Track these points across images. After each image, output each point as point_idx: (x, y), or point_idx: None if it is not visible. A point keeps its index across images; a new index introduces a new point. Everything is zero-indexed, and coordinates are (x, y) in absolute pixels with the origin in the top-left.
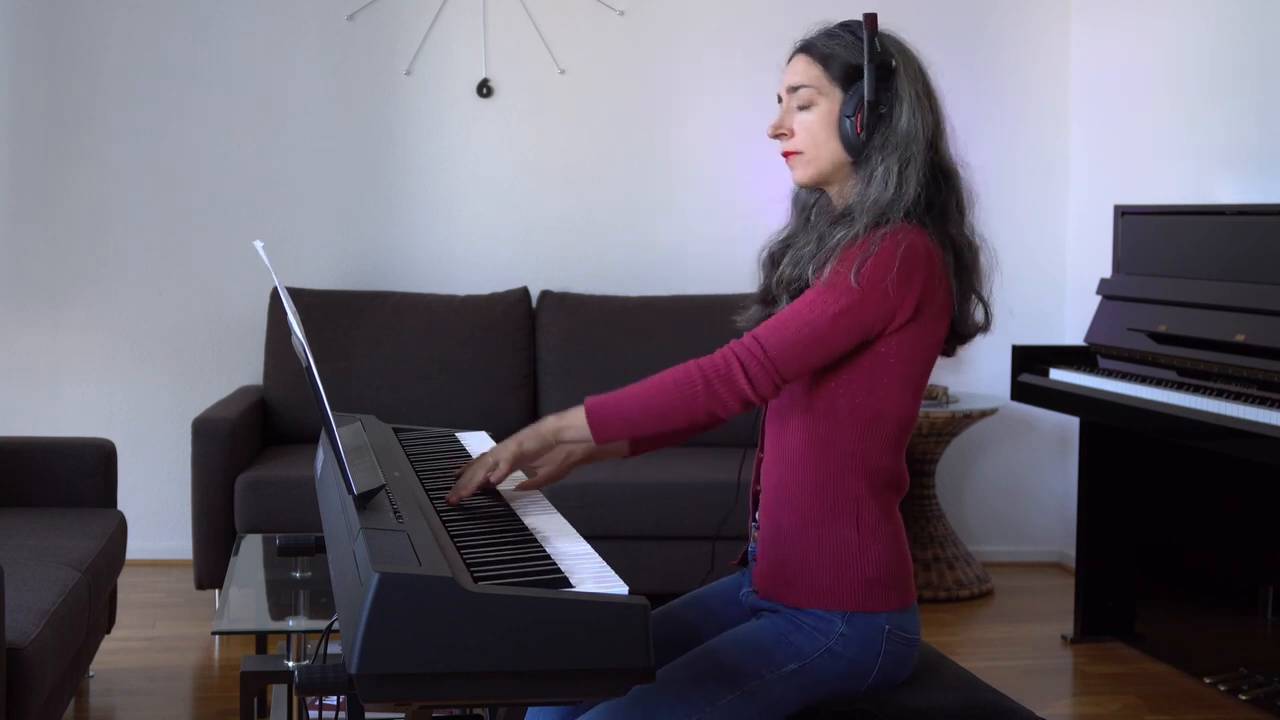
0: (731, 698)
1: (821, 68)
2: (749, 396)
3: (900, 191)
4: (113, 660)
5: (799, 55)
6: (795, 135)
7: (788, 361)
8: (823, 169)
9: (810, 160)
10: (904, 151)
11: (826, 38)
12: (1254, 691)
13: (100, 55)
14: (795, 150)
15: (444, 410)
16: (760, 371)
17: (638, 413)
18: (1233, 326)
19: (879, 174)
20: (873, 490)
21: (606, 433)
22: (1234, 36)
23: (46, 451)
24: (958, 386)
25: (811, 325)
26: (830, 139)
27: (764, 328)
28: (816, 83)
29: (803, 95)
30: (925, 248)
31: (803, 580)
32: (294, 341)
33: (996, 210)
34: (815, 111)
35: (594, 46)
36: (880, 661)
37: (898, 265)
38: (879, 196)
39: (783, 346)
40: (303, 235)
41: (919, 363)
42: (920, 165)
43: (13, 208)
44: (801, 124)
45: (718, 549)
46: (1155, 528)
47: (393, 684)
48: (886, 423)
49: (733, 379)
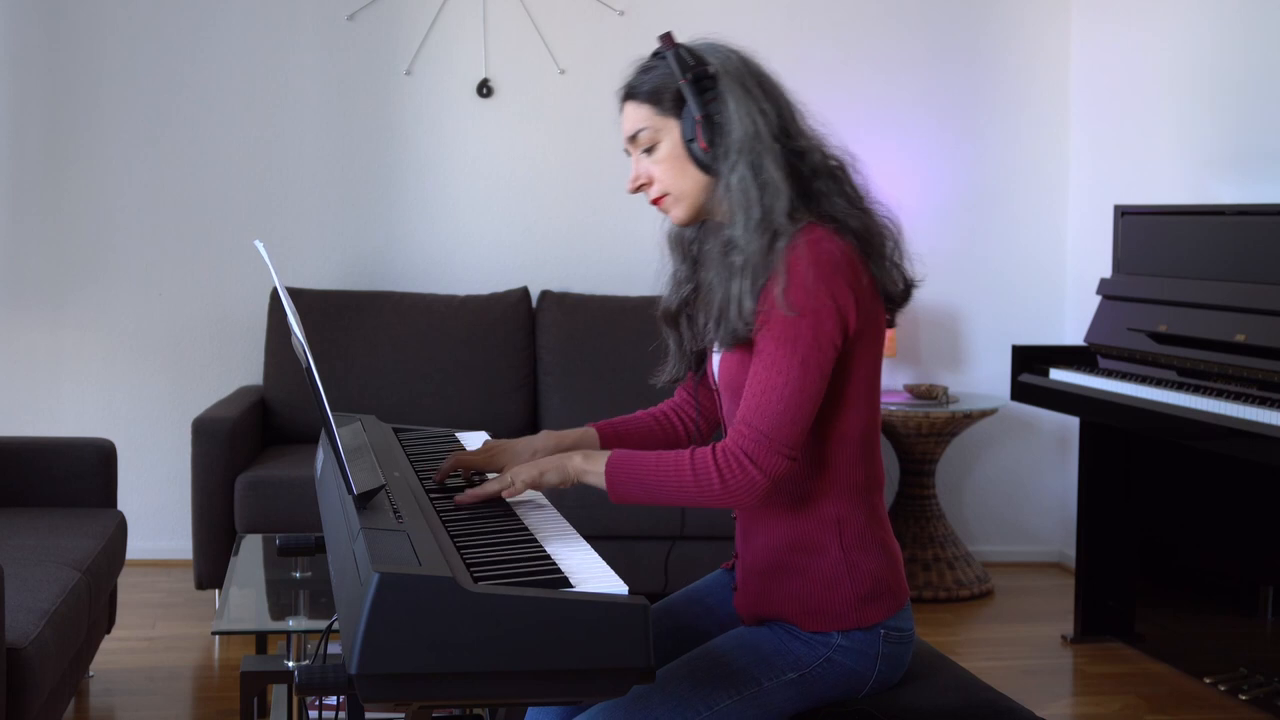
0: (729, 702)
1: (650, 106)
2: (764, 487)
3: (765, 192)
4: (113, 660)
5: (626, 103)
6: (655, 181)
7: (788, 432)
8: (695, 201)
9: (679, 197)
10: (750, 152)
11: (643, 74)
12: (1254, 691)
13: (100, 55)
14: (661, 194)
15: (444, 410)
16: (770, 457)
17: (655, 490)
18: (1233, 326)
19: (734, 183)
20: (852, 505)
21: (622, 496)
22: (1234, 37)
23: (46, 451)
24: (958, 386)
25: (787, 386)
26: (686, 168)
27: (748, 411)
28: (650, 122)
29: (643, 139)
30: (834, 246)
31: (792, 607)
32: (294, 342)
33: (997, 210)
34: (661, 150)
35: (594, 46)
36: (879, 664)
37: (823, 281)
38: (748, 210)
39: (775, 422)
40: (303, 235)
41: (868, 371)
42: (775, 157)
43: (13, 208)
44: (654, 166)
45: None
46: (1155, 528)
47: (393, 684)
48: (850, 439)
49: (749, 478)
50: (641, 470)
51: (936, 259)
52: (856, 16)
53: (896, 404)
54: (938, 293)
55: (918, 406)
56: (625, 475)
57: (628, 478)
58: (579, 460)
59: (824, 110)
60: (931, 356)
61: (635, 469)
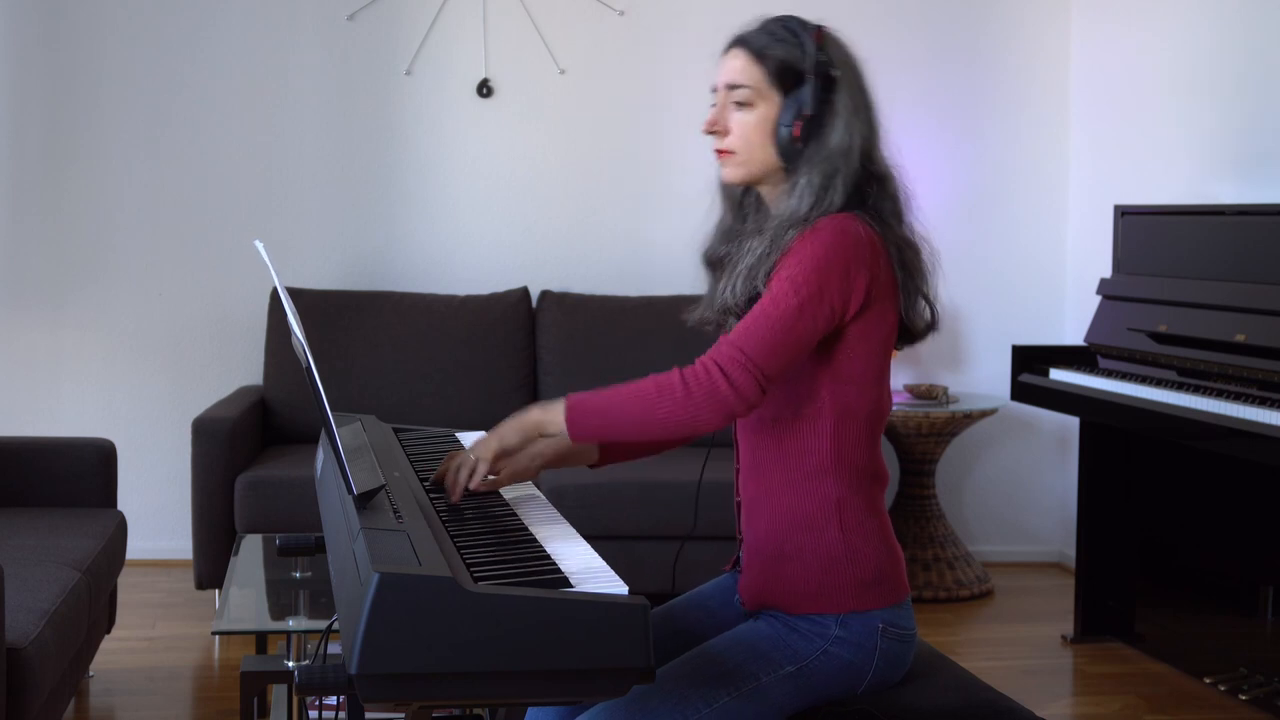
0: (729, 699)
1: (762, 68)
2: (731, 403)
3: (818, 201)
4: (113, 660)
5: (738, 50)
6: (731, 134)
7: (767, 359)
8: (754, 172)
9: (743, 162)
10: (831, 165)
11: (768, 36)
12: (1254, 691)
13: (100, 55)
14: (729, 150)
15: (444, 410)
16: (741, 373)
17: (616, 416)
18: (1233, 326)
19: (801, 184)
20: (853, 488)
21: (583, 432)
22: (1234, 37)
23: (46, 451)
24: (958, 386)
25: (781, 320)
26: (766, 144)
27: (735, 333)
28: (756, 84)
29: (741, 94)
30: (866, 232)
31: (793, 588)
32: (294, 342)
33: (996, 210)
34: (753, 114)
35: (594, 46)
36: (877, 659)
37: (845, 248)
38: (796, 208)
39: (758, 345)
40: (303, 235)
41: (875, 354)
42: (847, 176)
43: (13, 207)
44: (738, 124)
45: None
46: (1155, 528)
47: (393, 684)
48: (854, 420)
49: (714, 387)
50: (601, 401)
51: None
52: (856, 16)
53: (896, 404)
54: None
55: (918, 406)
56: (584, 409)
57: (586, 410)
58: (536, 412)
59: None
60: (931, 356)
61: (594, 400)
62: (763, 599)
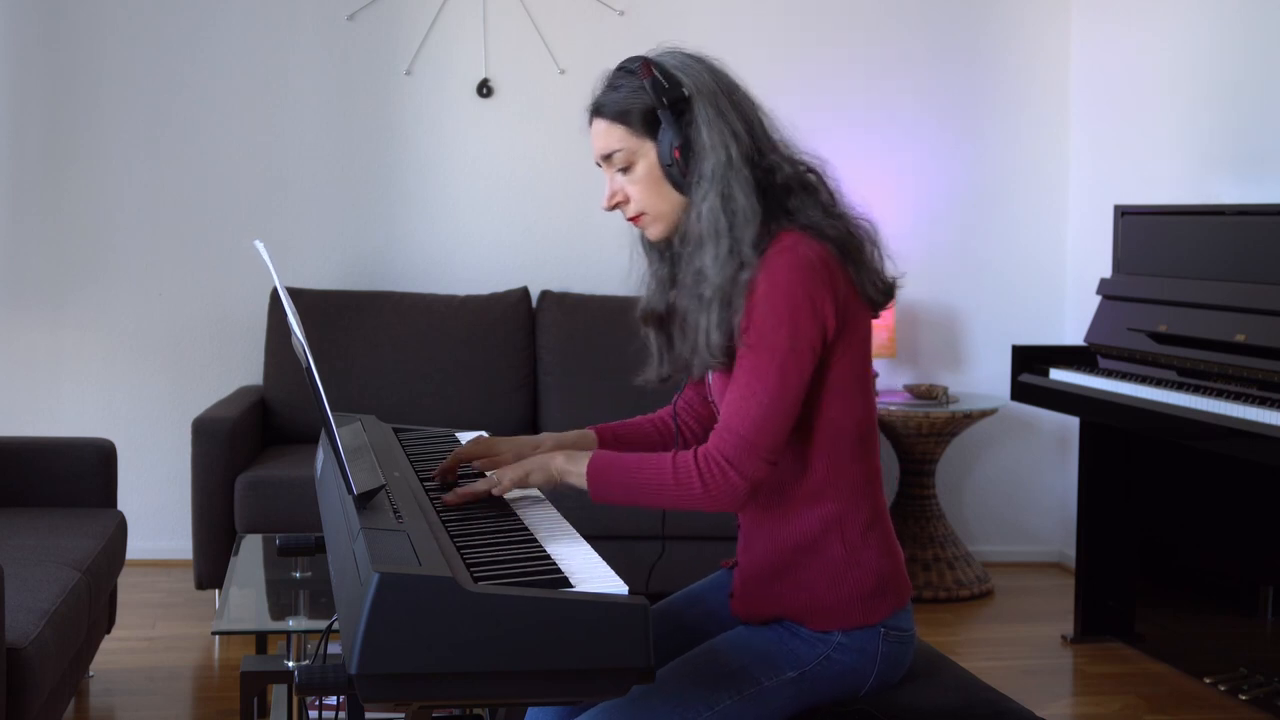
0: (730, 701)
1: (623, 126)
2: (745, 492)
3: (734, 223)
4: (113, 660)
5: (596, 120)
6: (632, 200)
7: (770, 437)
8: (673, 220)
9: (657, 217)
10: (720, 182)
11: (612, 92)
12: (1254, 691)
13: (100, 55)
14: (639, 213)
15: (444, 410)
16: (751, 462)
17: (636, 492)
18: (1233, 326)
19: (705, 212)
20: (852, 504)
21: (603, 496)
22: (1234, 37)
23: (46, 451)
24: (958, 386)
25: (768, 392)
26: (663, 189)
27: (729, 417)
28: (625, 143)
29: (618, 159)
30: (812, 251)
31: (797, 606)
32: (294, 342)
33: (997, 210)
34: (638, 170)
35: (594, 46)
36: (879, 663)
37: (803, 281)
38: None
39: (757, 427)
40: (303, 235)
41: (853, 368)
42: (744, 183)
43: (13, 208)
44: (631, 187)
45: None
46: (1155, 528)
47: (393, 684)
48: (844, 435)
49: (729, 482)
50: (623, 471)
51: (936, 259)
52: (856, 16)
53: (896, 404)
54: (938, 293)
55: (918, 406)
56: (607, 475)
57: (609, 478)
58: (561, 460)
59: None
60: (931, 356)
61: (617, 470)
62: (763, 619)
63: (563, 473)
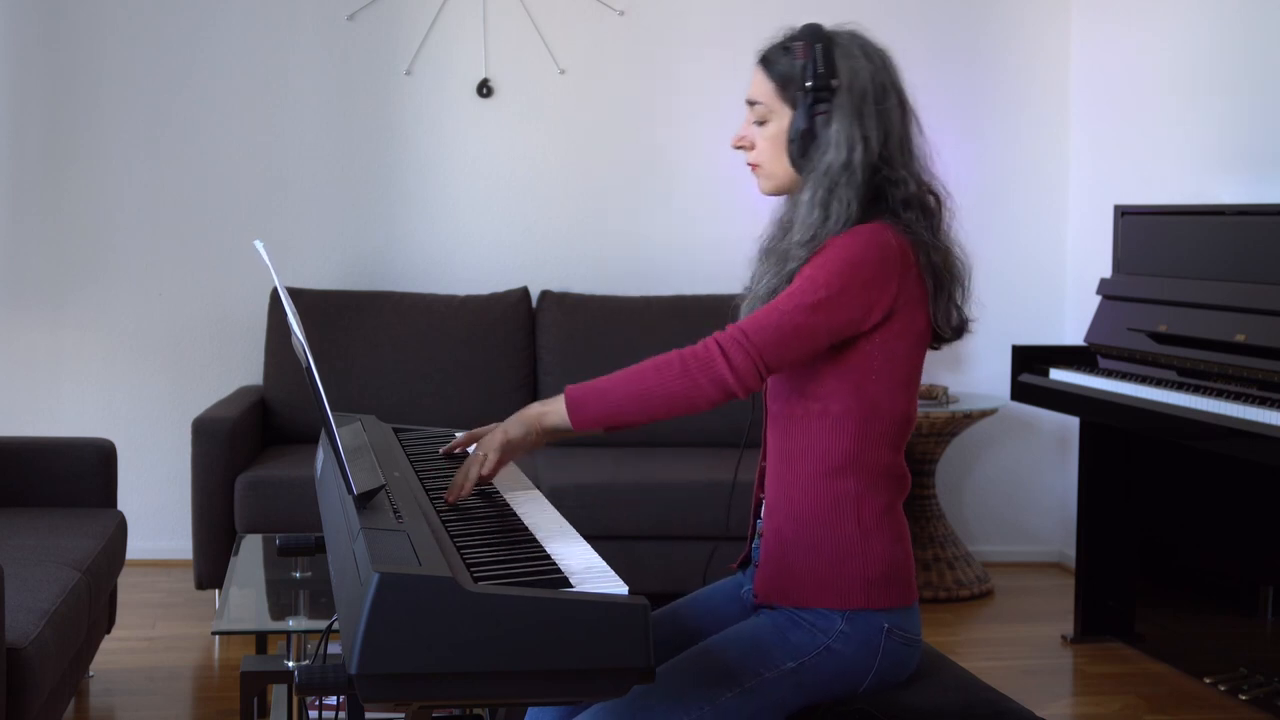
0: (729, 696)
1: (773, 84)
2: (728, 381)
3: (826, 219)
4: (113, 660)
5: (757, 68)
6: (755, 149)
7: (768, 347)
8: (780, 183)
9: (768, 175)
10: (830, 180)
11: (781, 51)
12: (1254, 691)
13: (100, 55)
14: (755, 163)
15: (444, 410)
16: (741, 355)
17: (616, 396)
18: (1233, 326)
19: (805, 199)
20: (873, 487)
21: (584, 415)
22: (1234, 36)
23: (46, 451)
24: (958, 386)
25: (790, 315)
26: (781, 158)
27: (746, 319)
28: (768, 100)
29: (759, 111)
30: (895, 242)
31: (804, 580)
32: (294, 342)
33: (997, 210)
34: (769, 129)
35: (594, 46)
36: (879, 660)
37: (873, 261)
38: (806, 228)
39: (763, 333)
40: (303, 235)
41: (904, 358)
42: (853, 187)
43: (13, 208)
44: (759, 139)
45: (718, 550)
46: (1155, 528)
47: (393, 684)
48: (881, 420)
49: (712, 364)
50: (599, 386)
51: None
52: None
53: None
54: None
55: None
56: (583, 395)
57: (586, 396)
58: (536, 406)
59: None
60: (931, 356)
61: (593, 386)
62: (774, 589)
63: (540, 415)
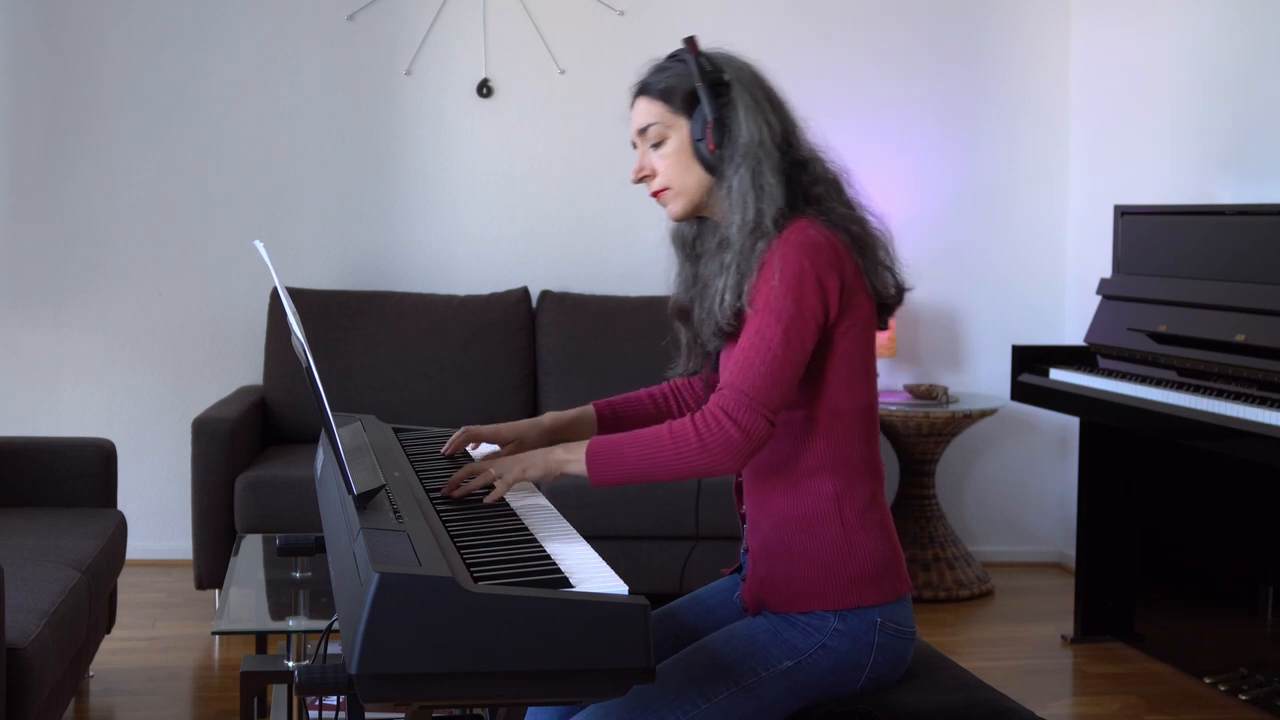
0: (727, 694)
1: (663, 103)
2: (743, 446)
3: (761, 197)
4: (113, 660)
5: (638, 99)
6: (658, 174)
7: (768, 393)
8: (693, 198)
9: (679, 193)
10: (752, 158)
11: (658, 74)
12: (1254, 691)
13: (100, 55)
14: (662, 188)
15: (444, 410)
16: (749, 416)
17: (635, 463)
18: (1233, 326)
19: (735, 185)
20: (851, 484)
21: (603, 475)
22: (1234, 37)
23: (46, 451)
24: (958, 386)
25: (771, 351)
26: (690, 166)
27: (731, 374)
28: (662, 118)
29: (652, 133)
30: (822, 236)
31: (795, 589)
32: (294, 342)
33: (997, 210)
34: (669, 145)
35: (594, 46)
36: (874, 655)
37: (811, 261)
38: (744, 211)
39: (757, 382)
40: (303, 235)
41: (857, 350)
42: (773, 166)
43: (13, 208)
44: (660, 160)
45: (715, 555)
46: (1155, 528)
47: (393, 684)
48: (845, 416)
49: (726, 434)
50: (620, 448)
51: (936, 259)
52: (856, 16)
53: (896, 404)
54: (938, 293)
55: (918, 406)
56: (604, 456)
57: (606, 458)
58: (560, 453)
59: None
60: (931, 356)
61: (614, 447)
62: (764, 599)
63: (561, 463)
